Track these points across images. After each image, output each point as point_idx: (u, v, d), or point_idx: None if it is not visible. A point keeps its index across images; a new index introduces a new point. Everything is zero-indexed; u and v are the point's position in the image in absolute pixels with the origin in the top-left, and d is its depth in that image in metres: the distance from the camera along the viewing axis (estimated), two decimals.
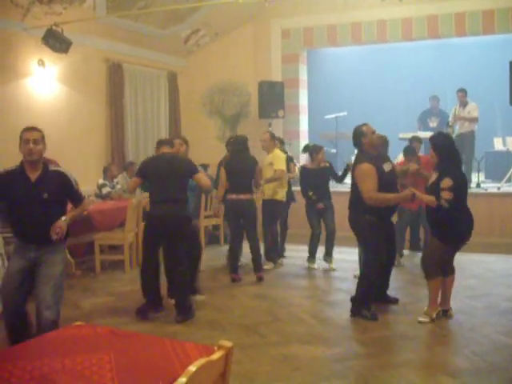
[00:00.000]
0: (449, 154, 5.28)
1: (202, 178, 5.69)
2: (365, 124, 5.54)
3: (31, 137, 4.13)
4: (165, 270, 5.87)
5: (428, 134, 10.32)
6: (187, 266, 5.73)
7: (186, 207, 5.64)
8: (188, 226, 5.70)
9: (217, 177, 7.57)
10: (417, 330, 5.21)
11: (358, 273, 6.84)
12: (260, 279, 7.02)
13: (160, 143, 5.87)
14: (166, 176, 5.53)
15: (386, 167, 5.49)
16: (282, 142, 8.46)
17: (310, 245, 7.76)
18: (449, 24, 10.06)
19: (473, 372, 4.23)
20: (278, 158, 7.57)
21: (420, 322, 5.33)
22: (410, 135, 9.74)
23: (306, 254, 7.85)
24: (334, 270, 7.49)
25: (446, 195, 5.09)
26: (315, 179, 7.55)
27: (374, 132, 5.51)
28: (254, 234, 7.13)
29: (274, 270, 7.68)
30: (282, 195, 7.66)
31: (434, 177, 5.36)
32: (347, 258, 7.58)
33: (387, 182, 5.39)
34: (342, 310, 5.88)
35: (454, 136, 10.17)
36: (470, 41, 11.29)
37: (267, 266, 7.64)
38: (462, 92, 10.19)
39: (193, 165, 5.72)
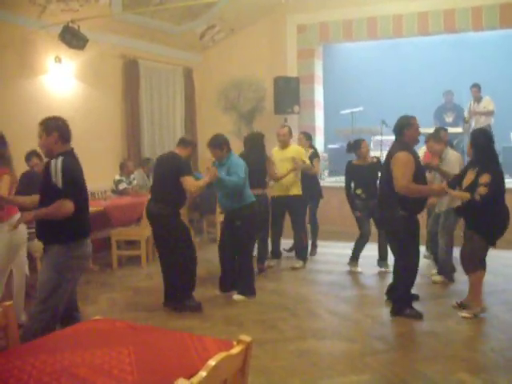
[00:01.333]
0: (485, 150, 5.30)
1: (187, 182, 5.59)
2: (413, 117, 5.46)
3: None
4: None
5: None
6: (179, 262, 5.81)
7: (167, 207, 5.66)
8: (168, 225, 5.72)
9: None
10: (435, 327, 5.19)
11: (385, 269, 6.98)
12: (260, 271, 7.19)
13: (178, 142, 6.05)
14: (156, 174, 5.90)
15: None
16: (309, 138, 8.33)
17: (356, 246, 7.29)
18: (466, 18, 9.96)
19: (491, 368, 4.22)
20: (303, 154, 7.56)
21: (463, 318, 5.31)
22: (426, 130, 9.67)
23: (326, 250, 7.79)
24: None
25: (483, 190, 5.10)
26: (363, 176, 7.13)
27: (418, 128, 5.47)
28: (266, 227, 7.31)
29: (304, 268, 7.57)
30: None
31: (471, 174, 5.35)
32: (362, 254, 7.51)
33: (421, 174, 5.39)
34: (359, 305, 5.88)
35: (470, 131, 10.13)
36: (486, 35, 11.17)
37: (297, 264, 7.53)
38: (476, 87, 10.11)
39: (183, 166, 5.66)
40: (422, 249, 6.62)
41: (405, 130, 5.36)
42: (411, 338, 4.98)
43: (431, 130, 9.39)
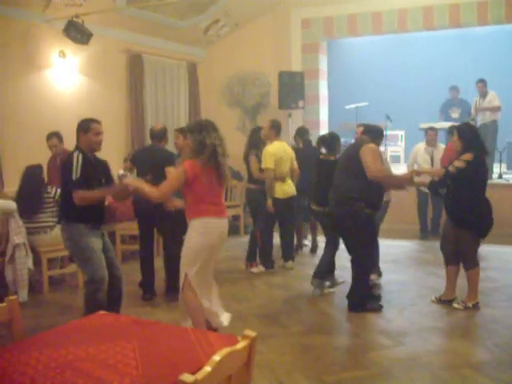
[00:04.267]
0: (474, 142, 5.34)
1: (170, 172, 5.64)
2: None
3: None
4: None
5: (449, 125, 10.31)
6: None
7: None
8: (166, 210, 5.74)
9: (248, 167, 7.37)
10: (438, 322, 5.19)
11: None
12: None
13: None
14: (146, 166, 5.98)
15: None
16: (299, 134, 7.93)
17: None
18: (471, 12, 9.91)
19: (495, 364, 4.21)
20: (264, 155, 6.97)
21: (455, 308, 5.45)
22: (428, 125, 9.66)
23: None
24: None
25: (460, 163, 5.19)
26: None
27: None
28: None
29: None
30: (279, 192, 7.01)
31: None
32: None
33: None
34: None
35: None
36: (492, 30, 11.13)
37: (255, 269, 7.17)
38: (481, 83, 10.05)
39: (169, 156, 6.03)
40: None
41: (380, 138, 5.75)
42: (415, 333, 4.97)
43: (436, 125, 9.41)
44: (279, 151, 6.96)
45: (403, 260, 7.66)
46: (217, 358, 1.94)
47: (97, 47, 8.68)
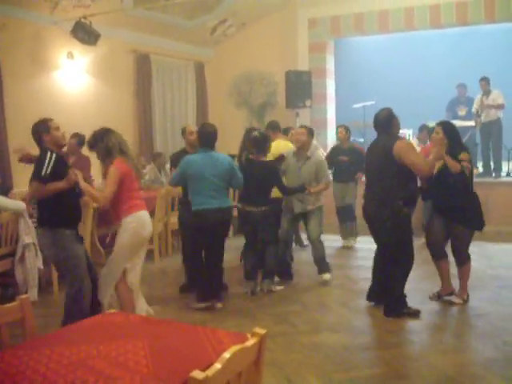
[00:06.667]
0: (459, 138, 5.51)
1: None
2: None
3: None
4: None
5: (457, 123, 10.29)
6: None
7: None
8: None
9: None
10: (446, 320, 5.20)
11: None
12: None
13: None
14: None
15: None
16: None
17: None
18: (478, 10, 9.89)
19: (504, 362, 4.19)
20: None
21: (452, 303, 5.50)
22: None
23: (337, 244, 7.68)
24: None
25: (467, 164, 5.25)
26: None
27: None
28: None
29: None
30: None
31: (440, 163, 5.40)
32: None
33: None
34: None
35: (480, 124, 10.10)
36: (498, 27, 11.10)
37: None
38: (484, 81, 10.05)
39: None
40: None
41: (393, 120, 5.32)
42: (422, 330, 4.97)
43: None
44: (279, 150, 6.48)
45: None
46: (227, 355, 1.96)
47: (104, 48, 8.73)
